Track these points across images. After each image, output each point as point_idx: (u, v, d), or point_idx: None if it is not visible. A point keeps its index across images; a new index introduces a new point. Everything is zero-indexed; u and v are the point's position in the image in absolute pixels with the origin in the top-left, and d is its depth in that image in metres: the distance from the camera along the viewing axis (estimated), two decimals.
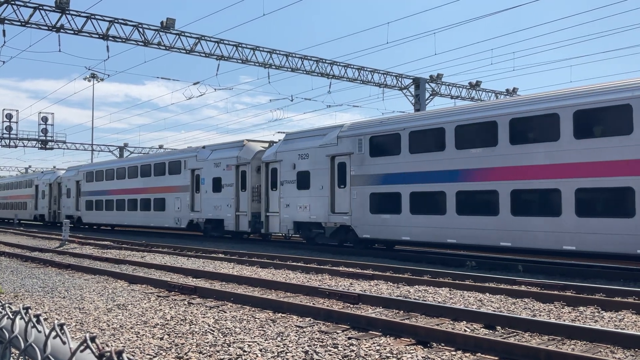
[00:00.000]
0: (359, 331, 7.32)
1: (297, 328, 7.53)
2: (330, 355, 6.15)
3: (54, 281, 12.54)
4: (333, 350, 6.32)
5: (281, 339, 6.89)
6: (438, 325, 7.60)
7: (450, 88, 36.87)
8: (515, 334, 7.14)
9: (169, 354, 6.24)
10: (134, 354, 6.27)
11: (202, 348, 6.48)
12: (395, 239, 17.93)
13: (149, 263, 15.82)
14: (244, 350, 6.34)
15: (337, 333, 7.23)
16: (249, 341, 6.77)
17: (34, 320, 1.78)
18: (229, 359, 6.05)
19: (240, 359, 6.06)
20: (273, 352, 6.25)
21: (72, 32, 23.94)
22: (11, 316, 1.97)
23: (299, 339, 6.89)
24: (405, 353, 6.21)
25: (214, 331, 7.36)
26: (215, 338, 6.97)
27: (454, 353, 6.24)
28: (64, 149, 51.99)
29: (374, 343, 6.68)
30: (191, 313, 8.67)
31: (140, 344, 6.69)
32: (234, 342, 6.71)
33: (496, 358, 6.02)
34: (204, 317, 8.32)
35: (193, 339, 6.92)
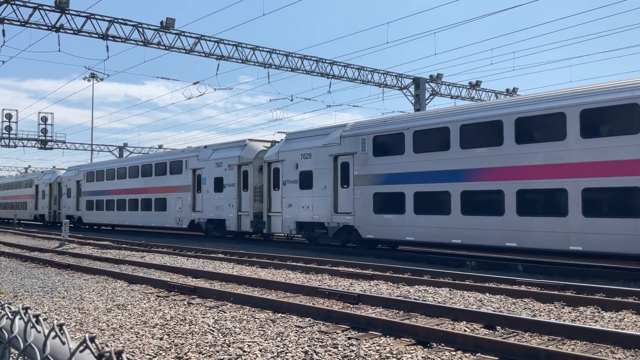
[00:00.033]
0: (359, 331, 7.32)
1: (297, 328, 7.53)
2: (330, 355, 6.14)
3: (53, 281, 12.53)
4: (333, 351, 6.31)
5: (281, 339, 6.89)
6: (438, 325, 7.60)
7: (450, 88, 36.88)
8: (515, 334, 7.13)
9: (168, 354, 6.23)
10: (133, 354, 6.26)
11: (202, 348, 6.47)
12: (399, 239, 17.80)
13: (148, 263, 15.81)
14: (244, 351, 6.34)
15: (337, 333, 7.22)
16: (249, 341, 6.77)
17: (34, 320, 1.77)
18: (229, 359, 6.05)
19: (240, 359, 6.06)
20: (273, 352, 6.24)
21: (72, 32, 23.95)
22: (10, 316, 1.96)
23: (298, 339, 6.88)
24: (405, 353, 6.21)
25: (213, 331, 7.35)
26: (215, 338, 6.96)
27: (454, 353, 6.24)
28: (63, 149, 52.07)
29: (373, 343, 6.68)
30: (191, 313, 8.67)
31: (139, 344, 6.68)
32: (233, 342, 6.71)
33: (496, 358, 6.01)
34: (203, 317, 8.31)
35: (193, 339, 6.91)
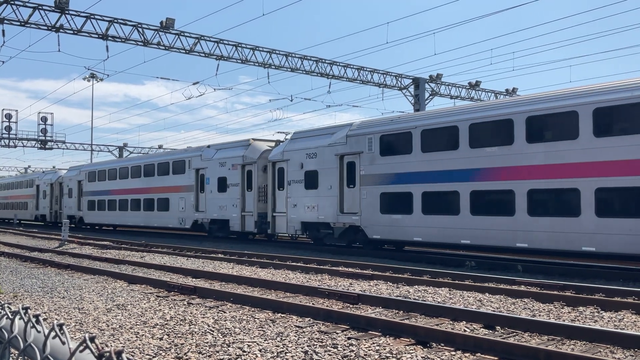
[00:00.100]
0: (359, 331, 7.32)
1: (297, 328, 7.54)
2: (329, 355, 6.15)
3: (53, 281, 12.54)
4: (333, 351, 6.32)
5: (281, 339, 6.89)
6: (438, 325, 7.60)
7: (449, 88, 36.89)
8: (514, 334, 7.14)
9: (168, 354, 6.24)
10: (133, 354, 6.27)
11: (202, 348, 6.48)
12: (406, 240, 17.60)
13: (148, 263, 15.81)
14: (244, 351, 6.34)
15: (337, 333, 7.23)
16: (249, 341, 6.77)
17: (33, 320, 1.78)
18: (229, 359, 6.06)
19: (239, 359, 6.06)
20: (272, 352, 6.25)
21: (72, 32, 23.94)
22: (10, 316, 1.96)
23: (298, 339, 6.89)
24: (405, 353, 6.21)
25: (213, 331, 7.36)
26: (215, 338, 6.97)
27: (453, 353, 6.24)
28: (63, 149, 52.05)
29: (373, 343, 6.68)
30: (190, 313, 8.67)
31: (139, 344, 6.69)
32: (233, 342, 6.71)
33: (496, 358, 6.02)
34: (203, 317, 8.32)
35: (192, 339, 6.92)
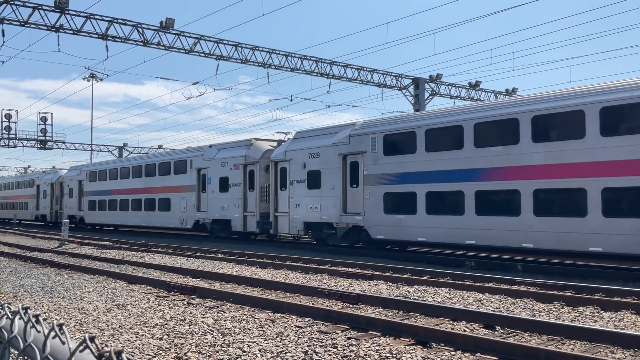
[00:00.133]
0: (359, 331, 7.32)
1: (297, 328, 7.53)
2: (329, 355, 6.15)
3: (53, 281, 12.53)
4: (332, 351, 6.32)
5: (280, 339, 6.89)
6: (437, 325, 7.60)
7: (449, 88, 36.89)
8: (514, 334, 7.14)
9: (168, 354, 6.23)
10: (133, 354, 6.27)
11: (202, 348, 6.48)
12: (410, 240, 17.51)
13: (148, 263, 15.81)
14: (244, 351, 6.34)
15: (337, 333, 7.23)
16: (249, 341, 6.77)
17: (33, 320, 1.78)
18: (228, 359, 6.05)
19: (239, 359, 6.06)
20: (272, 352, 6.24)
21: (71, 32, 23.93)
22: (10, 316, 1.96)
23: (298, 339, 6.89)
24: (405, 353, 6.21)
25: (213, 331, 7.36)
26: (215, 338, 6.96)
27: (453, 353, 6.24)
28: (63, 149, 52.03)
29: (373, 343, 6.68)
30: (190, 313, 8.67)
31: (139, 344, 6.68)
32: (233, 342, 6.71)
33: (496, 358, 6.02)
34: (203, 317, 8.31)
35: (192, 339, 6.92)
